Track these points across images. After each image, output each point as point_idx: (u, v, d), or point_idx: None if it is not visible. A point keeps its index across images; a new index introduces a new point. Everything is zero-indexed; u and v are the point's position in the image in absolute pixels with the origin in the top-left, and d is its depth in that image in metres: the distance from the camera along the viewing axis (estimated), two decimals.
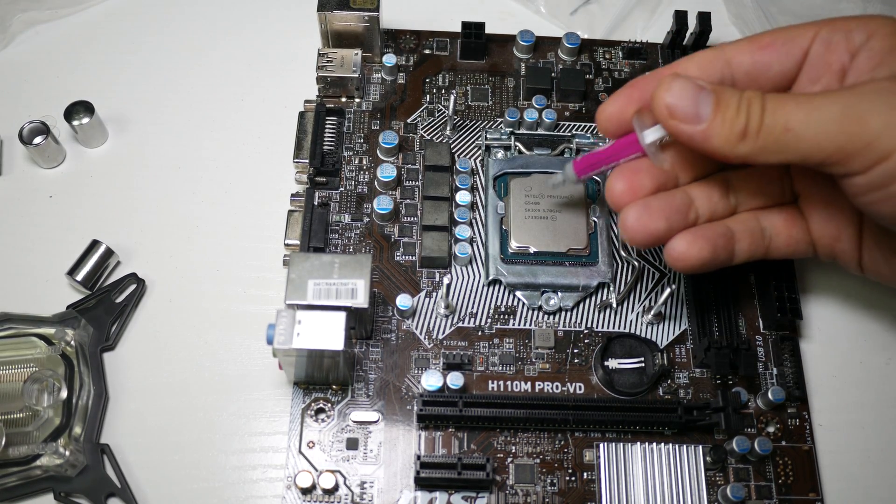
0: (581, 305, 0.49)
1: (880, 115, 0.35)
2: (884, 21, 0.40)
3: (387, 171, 0.51)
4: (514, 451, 0.46)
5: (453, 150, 0.54)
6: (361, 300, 0.42)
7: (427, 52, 0.57)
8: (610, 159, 0.42)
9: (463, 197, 0.51)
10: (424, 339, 0.48)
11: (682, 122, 0.38)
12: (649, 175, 0.42)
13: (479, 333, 0.49)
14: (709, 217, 0.43)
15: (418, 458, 0.43)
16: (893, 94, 0.35)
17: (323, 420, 0.46)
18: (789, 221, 0.44)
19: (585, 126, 0.55)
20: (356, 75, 0.53)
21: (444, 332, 0.48)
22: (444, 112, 0.55)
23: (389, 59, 0.55)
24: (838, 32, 0.40)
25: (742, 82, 0.41)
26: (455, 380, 0.45)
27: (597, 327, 0.49)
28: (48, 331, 0.46)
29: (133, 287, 0.50)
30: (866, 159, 0.36)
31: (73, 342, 0.46)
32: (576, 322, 0.49)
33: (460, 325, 0.49)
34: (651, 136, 0.40)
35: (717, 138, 0.37)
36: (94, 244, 0.50)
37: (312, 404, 0.46)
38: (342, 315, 0.42)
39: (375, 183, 0.52)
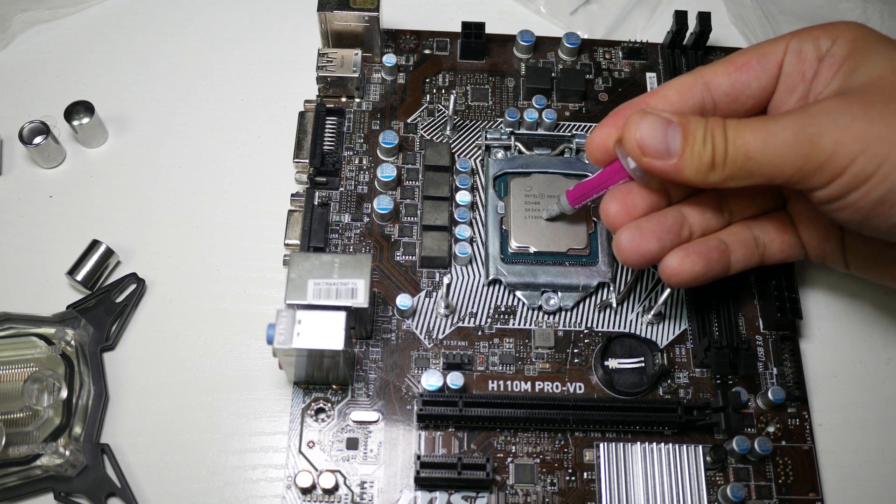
0: (581, 305, 0.49)
1: (830, 135, 0.37)
2: (846, 26, 0.41)
3: (387, 171, 0.51)
4: (514, 450, 0.46)
5: (453, 150, 0.54)
6: (361, 300, 0.42)
7: (427, 52, 0.57)
8: (600, 187, 0.44)
9: (463, 197, 0.51)
10: (424, 338, 0.48)
11: (653, 158, 0.39)
12: (641, 195, 0.43)
13: (479, 333, 0.49)
14: (702, 232, 0.44)
15: (418, 457, 0.43)
16: (840, 112, 0.37)
17: (323, 420, 0.46)
18: (780, 228, 0.46)
19: (585, 126, 0.55)
20: (356, 75, 0.53)
21: (444, 332, 0.48)
22: (444, 112, 0.55)
23: (389, 59, 0.55)
24: (807, 41, 0.42)
25: (722, 104, 0.43)
26: (455, 380, 0.45)
27: (597, 327, 0.49)
28: (48, 331, 0.46)
29: (133, 287, 0.50)
30: (823, 177, 0.37)
31: (73, 342, 0.46)
32: (576, 322, 0.49)
33: (460, 324, 0.49)
34: (633, 162, 0.41)
35: (688, 171, 0.39)
36: (94, 244, 0.50)
37: (312, 404, 0.46)
38: (342, 315, 0.42)
39: (375, 183, 0.52)
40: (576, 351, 0.48)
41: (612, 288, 0.50)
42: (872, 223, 0.39)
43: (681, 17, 0.56)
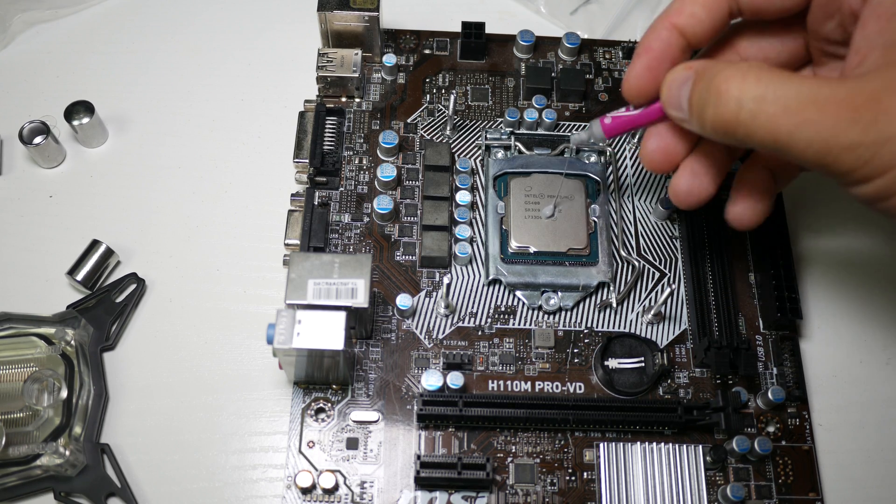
0: (581, 305, 0.49)
1: (879, 131, 0.32)
2: None
3: (387, 171, 0.51)
4: (514, 450, 0.46)
5: (453, 150, 0.54)
6: (361, 300, 0.42)
7: (427, 52, 0.57)
8: (641, 122, 0.42)
9: (463, 197, 0.51)
10: (424, 338, 0.48)
11: (670, 109, 0.39)
12: (681, 133, 0.41)
13: (479, 333, 0.49)
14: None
15: (418, 457, 0.43)
16: (882, 109, 0.32)
17: (323, 420, 0.46)
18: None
19: (585, 126, 0.55)
20: (356, 75, 0.53)
21: (444, 332, 0.48)
22: (444, 112, 0.55)
23: (389, 59, 0.55)
24: None
25: (749, 13, 0.40)
26: (455, 379, 0.45)
27: (597, 327, 0.49)
28: (48, 331, 0.46)
29: (133, 287, 0.50)
30: (860, 173, 0.33)
31: (73, 342, 0.46)
32: (576, 322, 0.49)
33: (460, 324, 0.49)
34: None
35: (694, 128, 0.37)
36: (94, 244, 0.50)
37: (312, 404, 0.46)
38: (342, 315, 0.42)
39: (375, 183, 0.52)
40: (576, 351, 0.48)
41: (612, 288, 0.50)
42: None
43: None
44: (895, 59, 0.33)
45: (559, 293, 0.49)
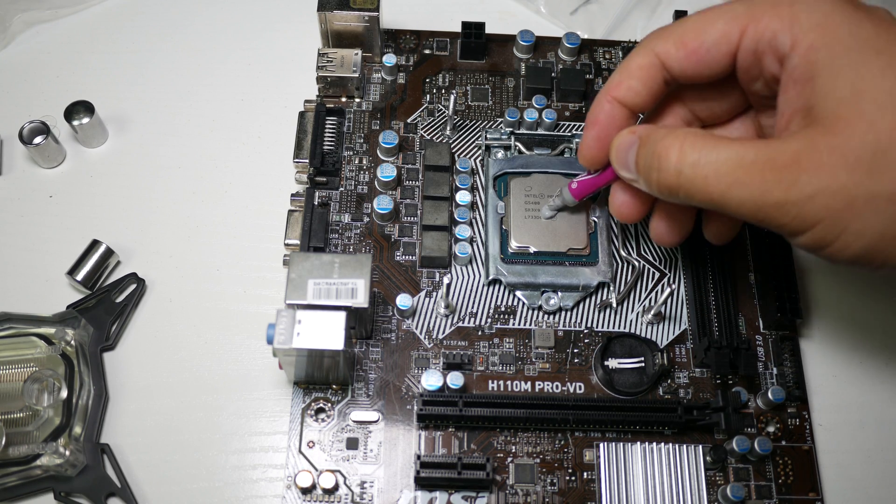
0: (581, 305, 0.49)
1: (790, 198, 0.35)
2: (807, 15, 0.36)
3: (387, 171, 0.51)
4: (514, 450, 0.46)
5: (453, 150, 0.54)
6: (361, 300, 0.42)
7: (427, 52, 0.57)
8: (602, 184, 0.45)
9: (463, 197, 0.51)
10: (424, 338, 0.48)
11: (621, 170, 0.42)
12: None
13: (479, 333, 0.49)
14: None
15: (418, 457, 0.43)
16: (801, 169, 0.34)
17: (323, 420, 0.46)
18: None
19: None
20: (356, 75, 0.53)
21: (444, 332, 0.48)
22: (444, 112, 0.55)
23: (389, 59, 0.55)
24: (763, 39, 0.37)
25: (682, 81, 0.41)
26: (455, 380, 0.45)
27: (597, 327, 0.49)
28: (48, 330, 0.46)
29: (133, 287, 0.50)
30: (785, 232, 0.36)
31: (73, 342, 0.46)
32: (576, 322, 0.49)
33: (460, 324, 0.49)
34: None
35: (643, 187, 0.40)
36: (94, 244, 0.50)
37: (312, 404, 0.46)
38: (342, 315, 0.42)
39: (375, 183, 0.52)
40: (576, 351, 0.48)
41: (612, 288, 0.50)
42: (871, 270, 0.37)
43: (680, 16, 0.55)
44: (812, 122, 0.35)
45: (559, 293, 0.49)
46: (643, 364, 0.47)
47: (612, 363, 0.47)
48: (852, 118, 0.34)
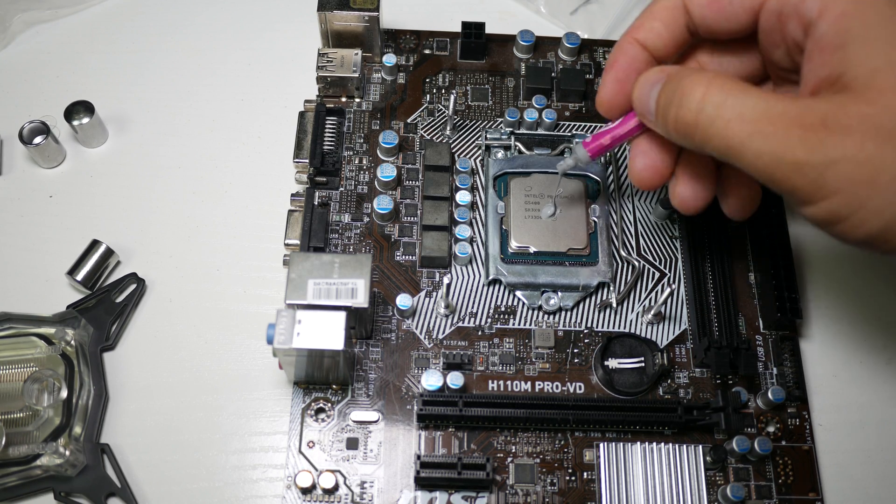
0: (581, 305, 0.49)
1: (811, 160, 0.33)
2: None
3: (387, 171, 0.51)
4: (514, 450, 0.46)
5: (453, 150, 0.54)
6: (361, 300, 0.42)
7: (427, 52, 0.57)
8: (619, 137, 0.43)
9: (463, 197, 0.51)
10: (424, 338, 0.48)
11: (644, 118, 0.40)
12: (664, 147, 0.42)
13: (479, 333, 0.49)
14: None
15: (418, 457, 0.43)
16: (827, 134, 0.33)
17: (323, 420, 0.46)
18: None
19: (585, 126, 0.55)
20: (356, 75, 0.53)
21: (444, 332, 0.48)
22: (444, 112, 0.55)
23: (389, 59, 0.55)
24: (789, 3, 0.37)
25: (702, 31, 0.41)
26: (455, 380, 0.45)
27: (597, 327, 0.49)
28: (48, 331, 0.46)
29: (133, 287, 0.50)
30: (799, 199, 0.35)
31: (73, 342, 0.46)
32: (576, 322, 0.49)
33: (460, 324, 0.49)
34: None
35: (661, 131, 0.39)
36: (94, 244, 0.50)
37: (312, 404, 0.46)
38: (342, 315, 0.42)
39: (375, 183, 0.52)
40: (576, 351, 0.48)
41: (612, 288, 0.50)
42: (878, 251, 0.35)
43: None
44: (843, 89, 0.34)
45: (559, 293, 0.49)
46: (643, 364, 0.47)
47: (612, 363, 0.47)
48: (886, 88, 0.33)
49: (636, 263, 0.51)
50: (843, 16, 0.35)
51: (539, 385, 0.47)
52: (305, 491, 0.44)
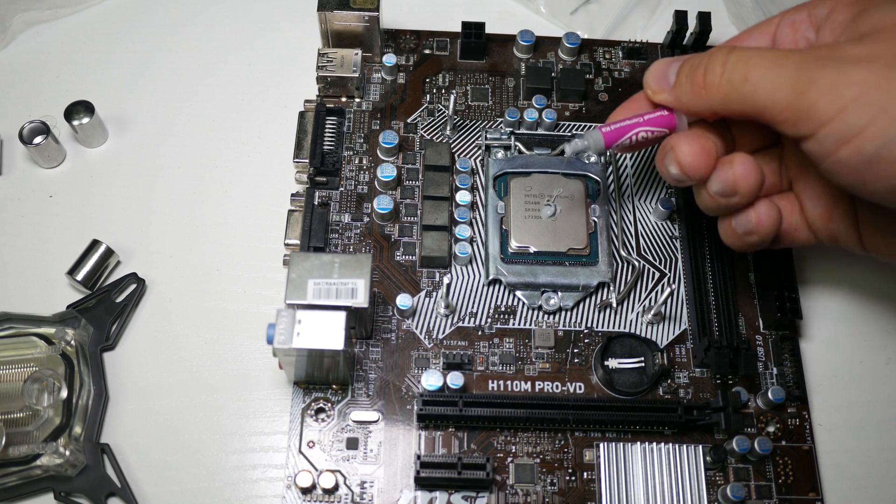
0: (581, 305, 0.49)
1: (828, 77, 0.35)
2: None
3: (387, 171, 0.51)
4: (514, 450, 0.46)
5: (453, 150, 0.54)
6: (361, 300, 0.42)
7: (427, 52, 0.57)
8: (639, 127, 0.44)
9: (463, 197, 0.51)
10: (424, 338, 0.48)
11: (657, 92, 0.42)
12: (707, 137, 0.43)
13: (479, 333, 0.49)
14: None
15: (418, 457, 0.43)
16: (844, 56, 0.36)
17: (323, 420, 0.46)
18: (787, 209, 0.44)
19: (585, 126, 0.55)
20: (356, 75, 0.53)
21: (444, 332, 0.48)
22: (444, 112, 0.55)
23: (389, 58, 0.55)
24: (801, 12, 0.42)
25: None
26: (455, 379, 0.45)
27: (597, 327, 0.49)
28: (48, 330, 0.46)
29: (133, 287, 0.50)
30: (812, 122, 0.36)
31: (73, 342, 0.46)
32: (576, 322, 0.49)
33: (460, 324, 0.49)
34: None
35: (683, 95, 0.41)
36: (94, 244, 0.50)
37: (312, 404, 0.46)
38: (342, 315, 0.42)
39: (375, 183, 0.52)
40: (576, 351, 0.48)
41: (612, 288, 0.50)
42: (869, 185, 0.36)
43: (681, 16, 0.56)
44: (859, 35, 0.37)
45: (559, 293, 0.49)
46: (643, 364, 0.47)
47: (612, 363, 0.47)
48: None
49: (636, 263, 0.51)
50: (853, 2, 0.39)
51: (539, 385, 0.47)
52: (305, 491, 0.44)
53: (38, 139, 0.52)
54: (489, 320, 0.49)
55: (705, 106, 0.40)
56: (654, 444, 0.46)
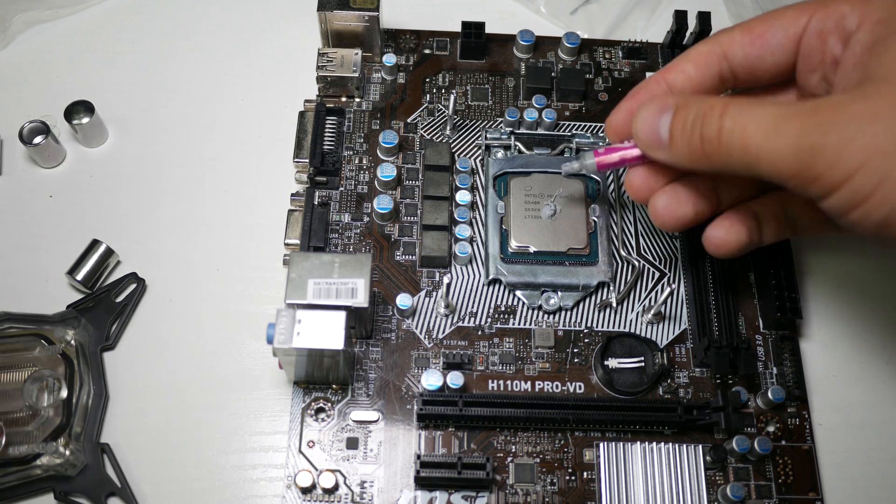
0: (581, 305, 0.49)
1: (832, 145, 0.33)
2: (879, 4, 0.37)
3: (387, 171, 0.51)
4: (514, 450, 0.46)
5: (453, 150, 0.54)
6: (361, 300, 0.42)
7: (427, 51, 0.57)
8: (625, 162, 0.43)
9: (463, 196, 0.51)
10: (424, 338, 0.48)
11: (652, 148, 0.40)
12: (665, 170, 0.42)
13: (479, 333, 0.49)
14: (734, 201, 0.43)
15: (418, 457, 0.43)
16: (849, 118, 0.33)
17: (323, 419, 0.46)
18: (808, 201, 0.42)
19: (585, 126, 0.55)
20: (356, 75, 0.53)
21: (444, 332, 0.48)
22: (444, 112, 0.55)
23: (389, 58, 0.55)
24: (830, 19, 0.38)
25: (741, 74, 0.42)
26: (455, 379, 0.45)
27: (597, 327, 0.49)
28: (48, 330, 0.46)
29: (133, 287, 0.50)
30: (821, 188, 0.34)
31: (73, 342, 0.46)
32: (576, 321, 0.49)
33: (460, 324, 0.49)
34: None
35: (682, 158, 0.39)
36: (94, 244, 0.50)
37: (312, 404, 0.46)
38: (342, 314, 0.42)
39: (375, 182, 0.52)
40: (576, 350, 0.48)
41: (612, 288, 0.50)
42: (888, 243, 0.35)
43: (681, 16, 0.56)
44: (864, 81, 0.35)
45: (559, 293, 0.49)
46: (643, 364, 0.47)
47: (612, 363, 0.47)
48: None
49: (636, 263, 0.51)
50: (879, 23, 0.36)
51: (539, 385, 0.47)
52: (305, 491, 0.44)
53: (38, 139, 0.52)
54: (489, 320, 0.49)
55: (706, 170, 0.38)
56: (654, 443, 0.46)
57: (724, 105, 0.36)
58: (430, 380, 0.45)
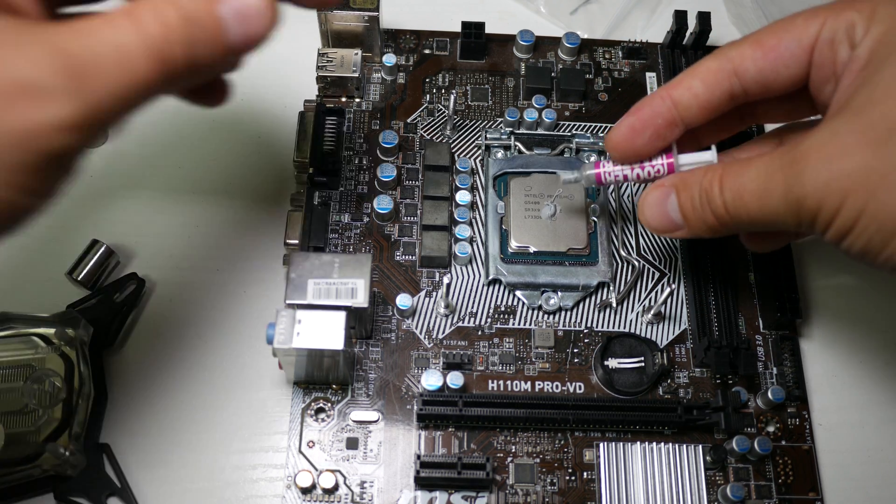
0: (581, 305, 0.49)
1: (814, 194, 0.35)
2: (884, 14, 0.36)
3: (387, 171, 0.51)
4: (514, 450, 0.46)
5: (453, 150, 0.54)
6: (361, 300, 0.42)
7: (427, 51, 0.57)
8: (628, 180, 0.44)
9: (463, 196, 0.51)
10: (424, 338, 0.48)
11: (671, 231, 0.42)
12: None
13: (479, 333, 0.49)
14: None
15: (418, 457, 0.43)
16: (823, 161, 0.34)
17: (323, 420, 0.46)
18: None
19: (585, 126, 0.55)
20: (356, 75, 0.53)
21: (444, 332, 0.48)
22: (444, 112, 0.55)
23: (389, 58, 0.55)
24: (840, 28, 0.37)
25: (753, 90, 0.40)
26: (455, 379, 0.45)
27: (597, 327, 0.49)
28: (48, 331, 0.46)
29: (133, 287, 0.50)
30: (819, 228, 0.36)
31: (73, 342, 0.46)
32: (576, 322, 0.49)
33: (460, 324, 0.49)
34: (688, 164, 0.43)
35: (703, 232, 0.41)
36: (94, 244, 0.50)
37: (312, 404, 0.46)
38: (342, 315, 0.42)
39: (375, 183, 0.52)
40: (576, 351, 0.48)
41: (611, 288, 0.50)
42: (876, 265, 0.36)
43: (681, 16, 0.56)
44: (843, 109, 0.36)
45: (559, 293, 0.49)
46: (643, 364, 0.47)
47: (612, 363, 0.47)
48: (880, 99, 0.34)
49: (636, 263, 0.51)
50: (878, 41, 0.36)
51: (539, 385, 0.47)
52: (305, 491, 0.44)
53: None
54: (489, 320, 0.49)
55: (724, 233, 0.40)
56: (654, 443, 0.46)
57: (720, 179, 0.38)
58: (430, 380, 0.45)
